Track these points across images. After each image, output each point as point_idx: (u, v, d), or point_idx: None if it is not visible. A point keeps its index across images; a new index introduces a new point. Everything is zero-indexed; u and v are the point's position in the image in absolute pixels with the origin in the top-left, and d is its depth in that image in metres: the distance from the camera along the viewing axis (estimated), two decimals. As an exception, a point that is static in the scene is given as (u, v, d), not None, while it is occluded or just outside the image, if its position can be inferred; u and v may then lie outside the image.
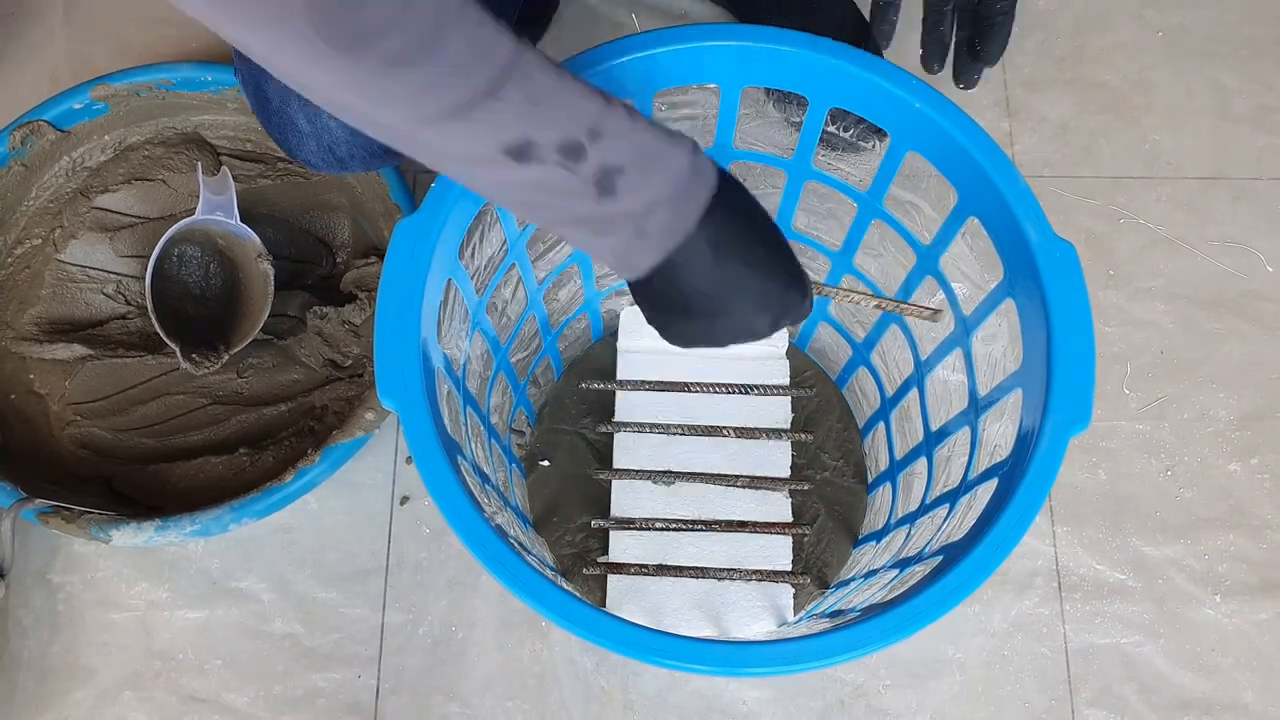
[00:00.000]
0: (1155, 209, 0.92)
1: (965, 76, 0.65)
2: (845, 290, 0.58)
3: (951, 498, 0.61)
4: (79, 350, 0.83)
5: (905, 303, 0.60)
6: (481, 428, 0.70)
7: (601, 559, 0.80)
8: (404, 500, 0.84)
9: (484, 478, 0.65)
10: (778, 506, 0.82)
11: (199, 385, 0.84)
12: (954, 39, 0.62)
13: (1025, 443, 0.53)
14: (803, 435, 0.84)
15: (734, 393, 0.85)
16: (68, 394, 0.83)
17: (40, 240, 0.87)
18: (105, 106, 0.86)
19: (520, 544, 0.63)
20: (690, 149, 0.46)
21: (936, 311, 0.58)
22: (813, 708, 0.78)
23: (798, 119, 0.88)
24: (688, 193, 0.46)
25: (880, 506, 0.80)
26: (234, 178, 0.85)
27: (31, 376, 0.84)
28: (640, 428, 0.83)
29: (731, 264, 0.47)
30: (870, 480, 0.83)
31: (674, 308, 0.49)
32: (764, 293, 0.49)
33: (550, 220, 0.46)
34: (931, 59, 0.65)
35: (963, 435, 0.63)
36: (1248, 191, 0.93)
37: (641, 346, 0.85)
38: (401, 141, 0.43)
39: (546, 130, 0.42)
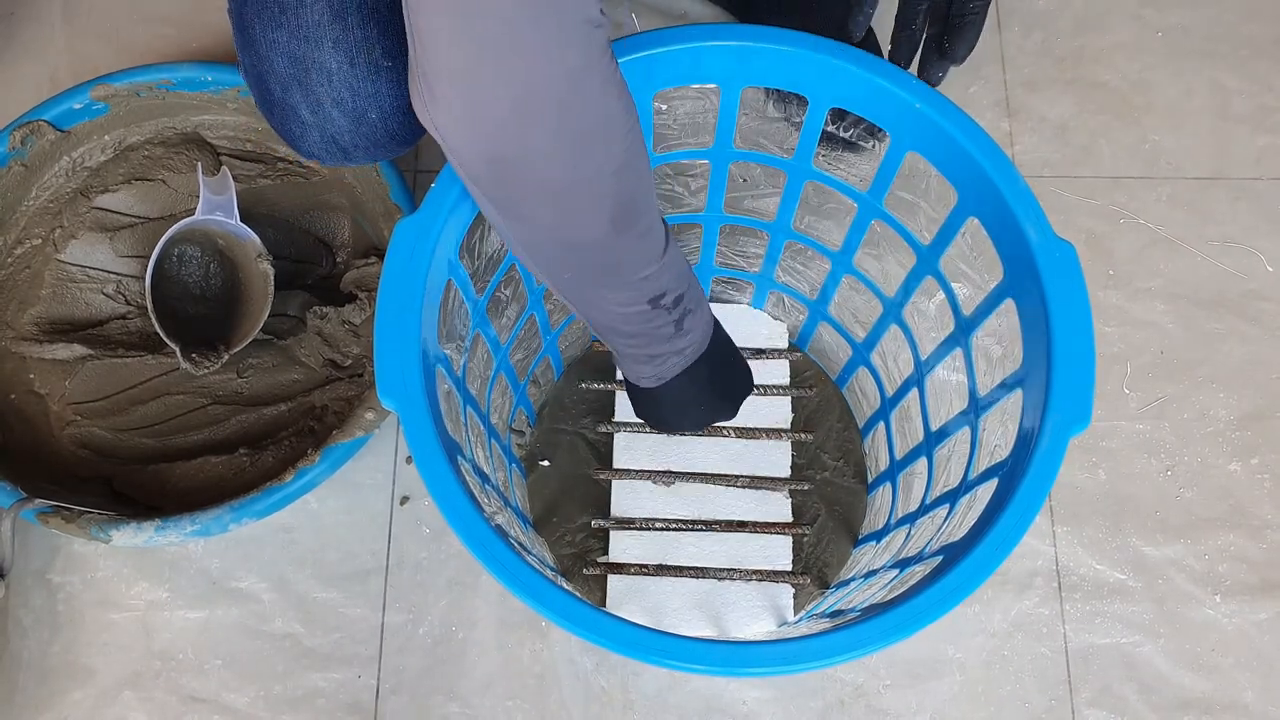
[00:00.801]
0: (1155, 209, 0.92)
1: (930, 74, 0.66)
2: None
3: (951, 498, 0.61)
4: (79, 350, 0.83)
5: None
6: (481, 428, 0.70)
7: (601, 559, 0.80)
8: (404, 500, 0.84)
9: (484, 478, 0.65)
10: (778, 506, 0.82)
11: (199, 385, 0.84)
12: (925, 36, 0.63)
13: (1025, 443, 0.53)
14: (803, 435, 0.84)
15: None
16: (68, 394, 0.83)
17: (40, 240, 0.87)
18: (105, 106, 0.86)
19: (520, 544, 0.63)
20: (707, 303, 0.61)
21: None
22: (813, 708, 0.78)
23: (798, 119, 0.88)
24: (703, 340, 0.61)
25: (880, 506, 0.80)
26: (234, 178, 0.85)
27: (31, 376, 0.84)
28: (640, 427, 0.83)
29: (719, 372, 0.64)
30: (870, 480, 0.83)
31: (671, 406, 0.65)
32: (736, 390, 0.68)
33: (630, 347, 0.60)
34: (900, 56, 0.65)
35: (963, 435, 0.63)
36: (1247, 191, 0.93)
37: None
38: (582, 297, 0.56)
39: (674, 284, 0.56)
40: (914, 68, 0.66)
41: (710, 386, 0.64)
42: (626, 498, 0.82)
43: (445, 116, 0.44)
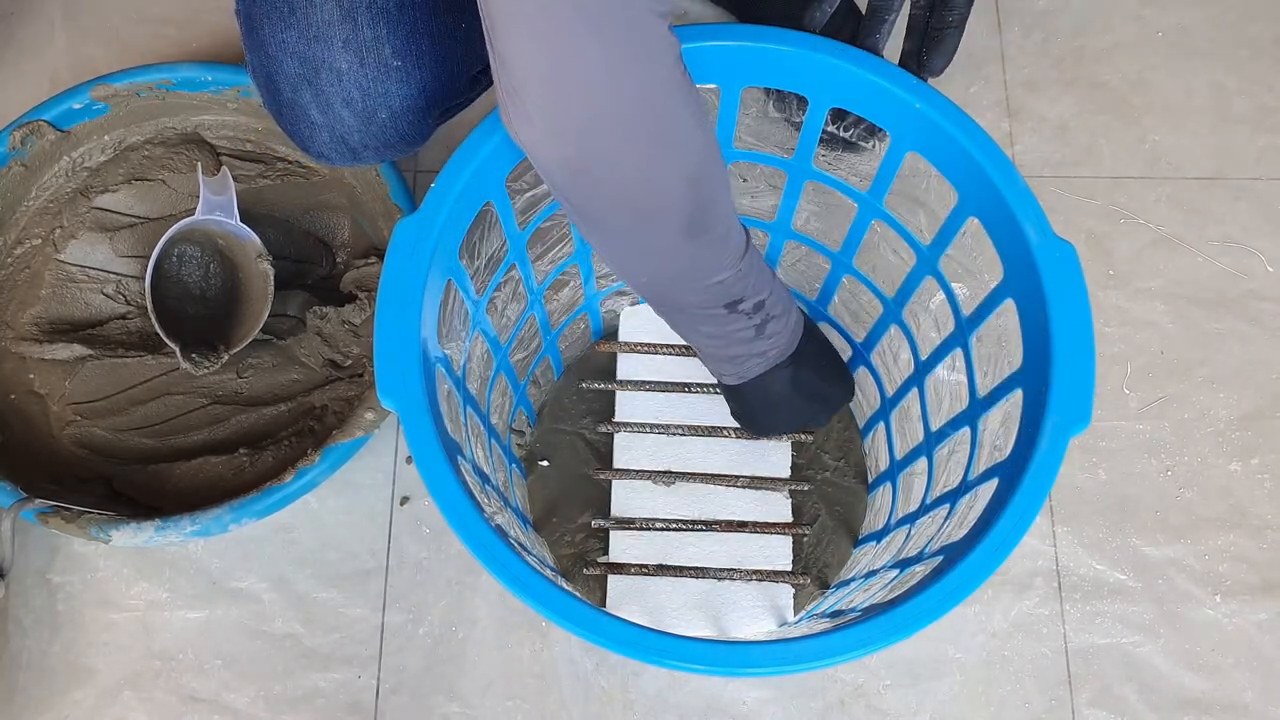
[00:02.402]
0: (1155, 209, 0.92)
1: None
2: None
3: (952, 498, 0.61)
4: (79, 350, 0.83)
5: None
6: (481, 428, 0.70)
7: (602, 559, 0.80)
8: (404, 500, 0.84)
9: (484, 478, 0.65)
10: (778, 506, 0.82)
11: (199, 385, 0.84)
12: (902, 49, 0.61)
13: (1025, 443, 0.53)
14: (803, 435, 0.84)
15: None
16: (68, 394, 0.83)
17: (40, 240, 0.87)
18: (105, 106, 0.86)
19: (520, 544, 0.63)
20: (797, 307, 0.64)
21: None
22: (813, 708, 0.78)
23: (798, 119, 0.88)
24: (791, 343, 0.64)
25: (880, 507, 0.80)
26: (234, 178, 0.85)
27: (31, 376, 0.84)
28: (640, 428, 0.83)
29: (808, 376, 0.67)
30: (870, 480, 0.83)
31: (762, 405, 0.68)
32: (829, 396, 0.71)
33: (714, 348, 0.63)
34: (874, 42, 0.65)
35: (963, 435, 0.63)
36: (1247, 191, 0.93)
37: (641, 347, 0.85)
38: (663, 297, 0.58)
39: (753, 290, 0.58)
40: (949, 70, 0.65)
41: (795, 390, 0.66)
42: (626, 498, 0.82)
43: (527, 130, 0.47)
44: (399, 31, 0.58)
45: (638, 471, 0.82)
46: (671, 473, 0.82)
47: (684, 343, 0.85)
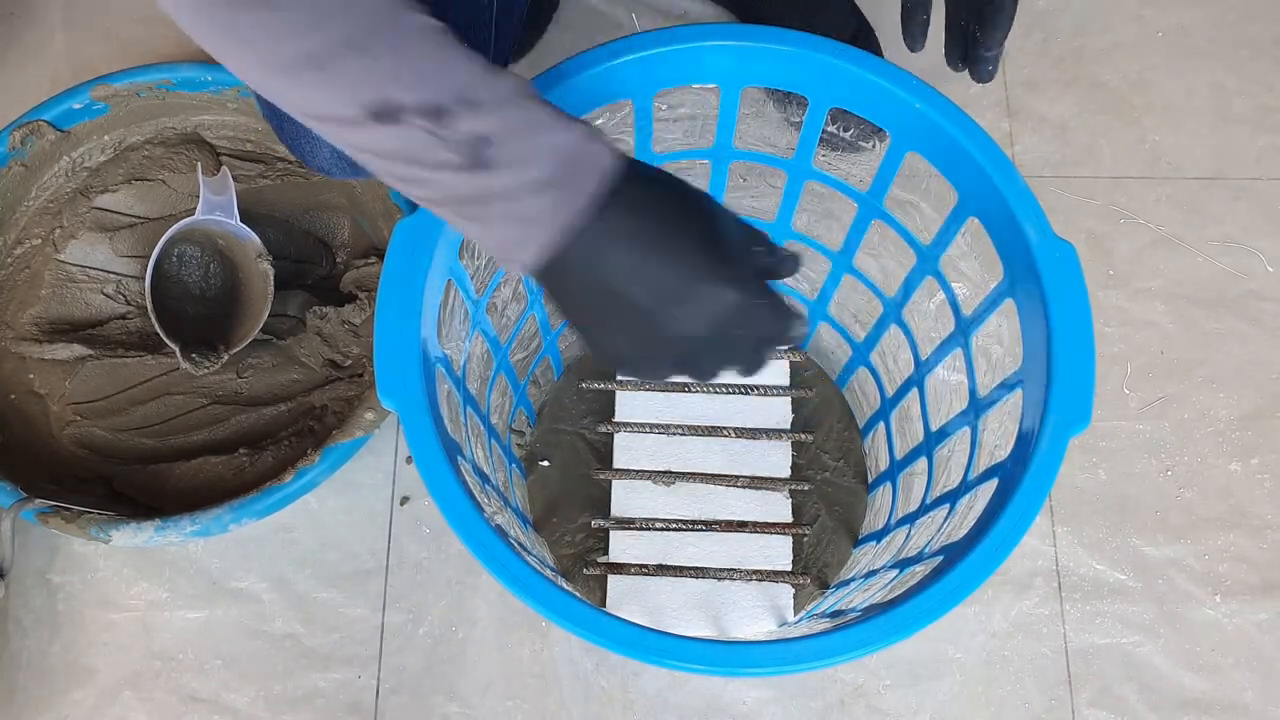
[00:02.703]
0: (1155, 209, 0.92)
1: (980, 71, 0.61)
2: None
3: (952, 498, 0.61)
4: (79, 350, 0.83)
5: None
6: (481, 428, 0.69)
7: (601, 559, 0.80)
8: (404, 500, 0.84)
9: (484, 478, 0.65)
10: (778, 506, 0.82)
11: (199, 385, 0.84)
12: (959, 30, 0.61)
13: (1025, 443, 0.53)
14: (803, 435, 0.84)
15: (734, 393, 0.85)
16: (68, 394, 0.83)
17: (40, 240, 0.87)
18: (105, 106, 0.86)
19: (520, 544, 0.63)
20: (582, 133, 0.41)
21: None
22: (813, 708, 0.78)
23: (798, 119, 0.88)
24: (574, 177, 0.41)
25: (880, 507, 0.80)
26: (234, 178, 0.85)
27: (31, 376, 0.84)
28: (640, 428, 0.83)
29: (646, 261, 0.42)
30: (870, 480, 0.83)
31: (584, 314, 0.44)
32: (704, 302, 0.42)
33: (428, 198, 0.43)
34: (912, 38, 0.62)
35: (962, 435, 0.63)
36: (1247, 191, 0.93)
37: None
38: (266, 94, 0.41)
39: (411, 92, 0.39)
40: (951, 72, 0.64)
41: (635, 284, 0.42)
42: (626, 498, 0.82)
43: None
44: None
45: (638, 471, 0.82)
46: (671, 473, 0.82)
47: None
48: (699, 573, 0.79)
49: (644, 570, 0.79)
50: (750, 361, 0.46)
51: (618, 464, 0.83)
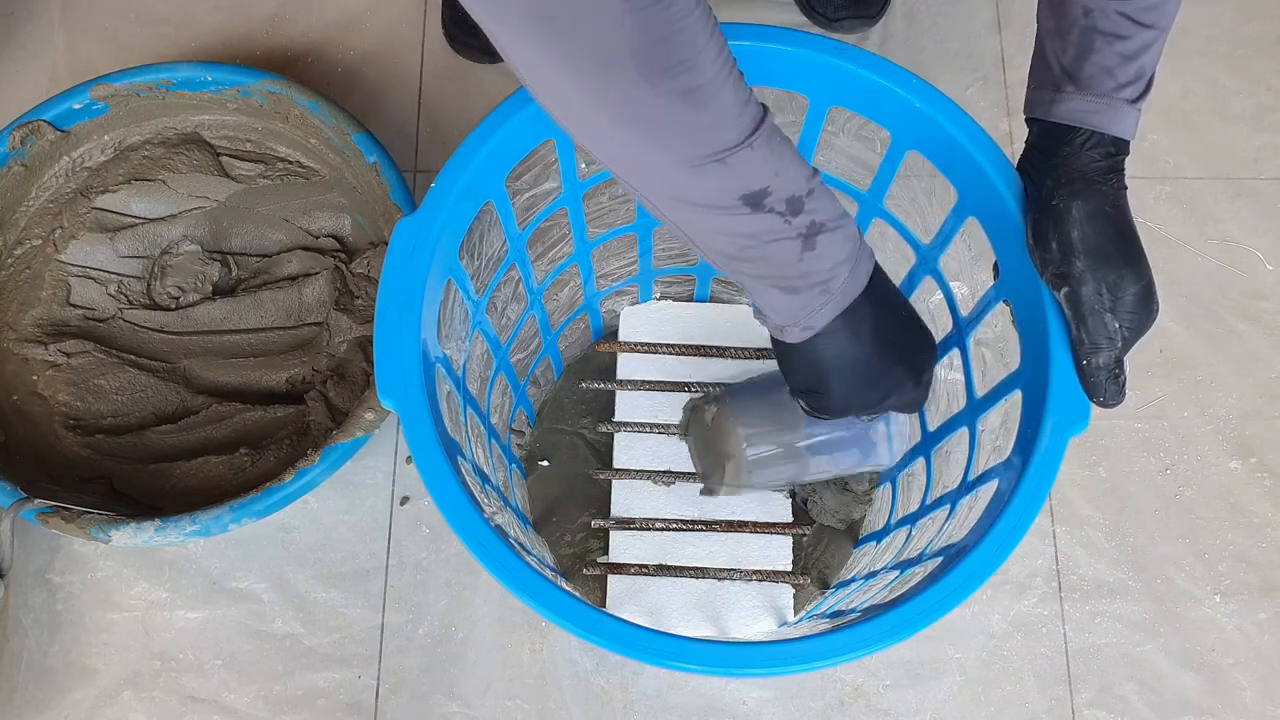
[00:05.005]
0: (1155, 209, 0.92)
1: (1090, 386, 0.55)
2: None
3: (952, 499, 0.61)
4: (81, 351, 0.83)
5: None
6: (481, 428, 0.69)
7: (601, 559, 0.80)
8: (404, 500, 0.84)
9: (484, 478, 0.65)
10: (778, 506, 0.82)
11: (199, 385, 0.84)
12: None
13: (1025, 443, 0.53)
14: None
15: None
16: (69, 394, 0.83)
17: (40, 241, 0.87)
18: (105, 106, 0.86)
19: (520, 544, 0.63)
20: (850, 220, 0.50)
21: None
22: (813, 708, 0.78)
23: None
24: (860, 257, 0.50)
25: (880, 507, 0.80)
26: (234, 178, 0.85)
27: (34, 378, 0.84)
28: (640, 427, 0.83)
29: (889, 325, 0.52)
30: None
31: (834, 370, 0.52)
32: (916, 351, 0.54)
33: (752, 272, 0.50)
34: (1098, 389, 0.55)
35: (961, 435, 0.63)
36: (1247, 191, 0.93)
37: (641, 346, 0.85)
38: (653, 182, 0.47)
39: (781, 181, 0.46)
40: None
41: (880, 342, 0.52)
42: (626, 498, 0.82)
43: None
44: None
45: (638, 471, 0.82)
46: (671, 473, 0.82)
47: (684, 342, 0.85)
48: (699, 573, 0.79)
49: (644, 570, 0.79)
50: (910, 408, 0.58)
51: (618, 464, 0.83)
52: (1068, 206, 0.51)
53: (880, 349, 0.52)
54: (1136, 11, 0.50)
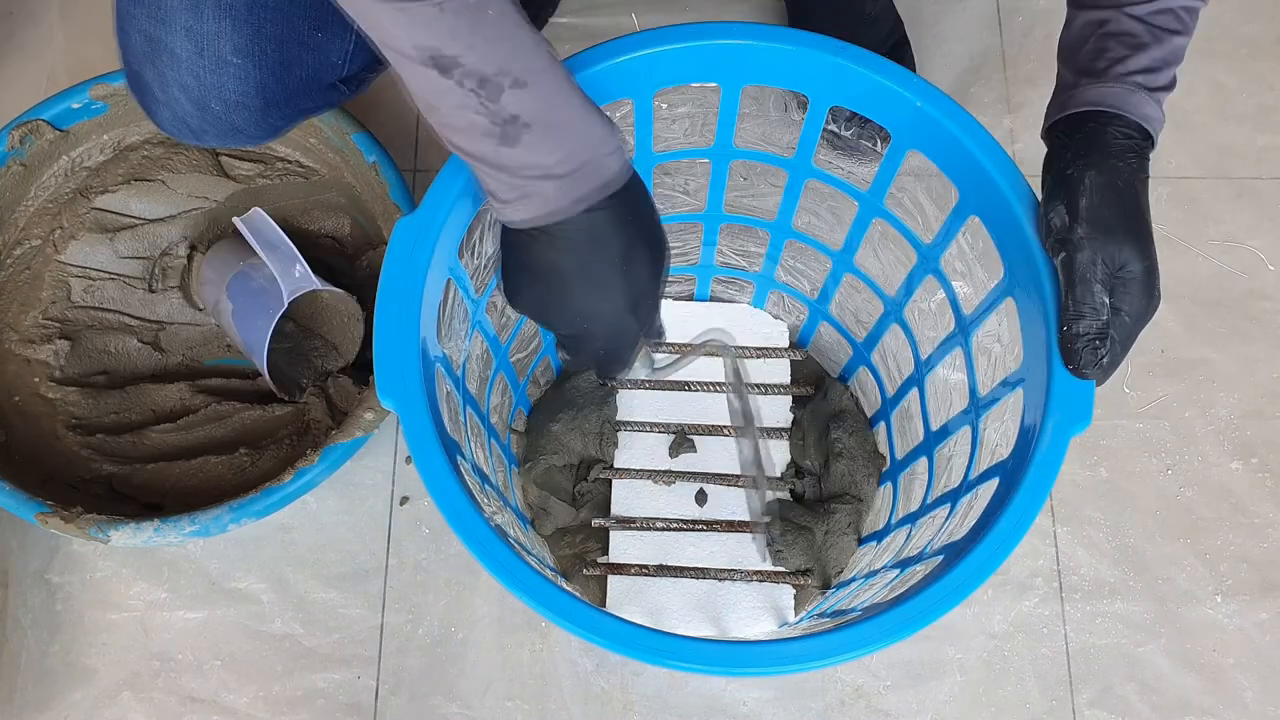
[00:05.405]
0: (1155, 209, 0.90)
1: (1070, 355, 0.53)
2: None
3: (952, 498, 0.61)
4: (82, 351, 0.83)
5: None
6: (481, 428, 0.69)
7: (602, 559, 0.80)
8: (404, 500, 0.84)
9: (484, 478, 0.64)
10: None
11: (199, 385, 0.84)
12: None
13: (1026, 442, 0.53)
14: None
15: (734, 392, 0.84)
16: (70, 394, 0.83)
17: (40, 241, 0.87)
18: (104, 106, 0.85)
19: (520, 544, 0.63)
20: (600, 139, 0.48)
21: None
22: (813, 708, 0.78)
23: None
24: (581, 181, 0.48)
25: (881, 507, 0.80)
26: (233, 178, 0.85)
27: (36, 380, 0.84)
28: (640, 427, 0.83)
29: (594, 264, 0.50)
30: (871, 480, 0.83)
31: (528, 271, 0.51)
32: (611, 304, 0.51)
33: (456, 140, 0.48)
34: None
35: (963, 435, 0.63)
36: (1248, 190, 0.92)
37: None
38: (345, 5, 0.45)
39: (470, 55, 0.44)
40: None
41: (579, 260, 0.50)
42: (626, 498, 0.82)
43: None
44: (243, 30, 0.58)
45: (638, 471, 0.82)
46: (672, 473, 0.82)
47: (684, 341, 0.85)
48: (699, 573, 0.79)
49: (644, 570, 0.79)
50: (601, 369, 0.57)
51: (618, 464, 0.83)
52: (1081, 175, 0.51)
53: (574, 281, 0.50)
54: (1149, 15, 0.52)
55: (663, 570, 0.79)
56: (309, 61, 0.62)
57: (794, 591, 0.79)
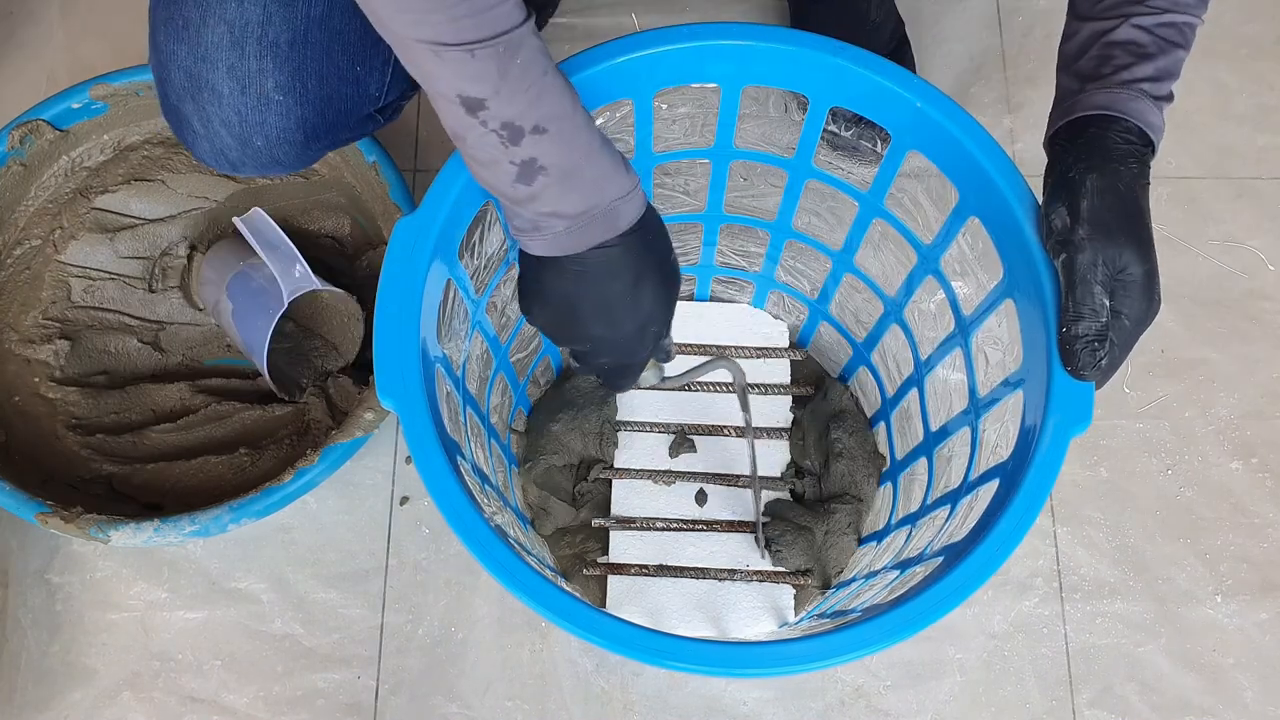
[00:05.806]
0: (1155, 209, 0.90)
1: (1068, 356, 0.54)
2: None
3: (952, 498, 0.61)
4: (82, 352, 0.83)
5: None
6: (481, 428, 0.69)
7: (602, 559, 0.80)
8: (404, 500, 0.84)
9: (484, 478, 0.64)
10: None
11: (199, 385, 0.84)
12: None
13: (1026, 443, 0.53)
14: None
15: (734, 392, 0.84)
16: (71, 394, 0.83)
17: (40, 241, 0.87)
18: (104, 106, 0.85)
19: (520, 544, 0.63)
20: (623, 194, 0.50)
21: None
22: (813, 708, 0.78)
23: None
24: (592, 225, 0.50)
25: (881, 507, 0.80)
26: (233, 178, 0.84)
27: (36, 380, 0.84)
28: (640, 427, 0.83)
29: (604, 293, 0.52)
30: (871, 480, 0.83)
31: (540, 294, 0.54)
32: (619, 330, 0.54)
33: (478, 170, 0.50)
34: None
35: (963, 435, 0.63)
36: (1248, 191, 0.92)
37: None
38: (390, 42, 0.47)
39: (495, 100, 0.46)
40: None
41: (571, 311, 0.53)
42: (626, 497, 0.82)
43: None
44: (285, 67, 0.59)
45: (638, 471, 0.82)
46: (672, 473, 0.82)
47: (684, 341, 0.85)
48: (699, 573, 0.79)
49: (644, 570, 0.79)
50: (609, 384, 0.60)
51: (618, 464, 0.83)
52: (1083, 178, 0.52)
53: (580, 309, 0.53)
54: (1155, 26, 0.53)
55: (663, 570, 0.79)
56: (349, 95, 0.63)
57: (794, 592, 0.79)
